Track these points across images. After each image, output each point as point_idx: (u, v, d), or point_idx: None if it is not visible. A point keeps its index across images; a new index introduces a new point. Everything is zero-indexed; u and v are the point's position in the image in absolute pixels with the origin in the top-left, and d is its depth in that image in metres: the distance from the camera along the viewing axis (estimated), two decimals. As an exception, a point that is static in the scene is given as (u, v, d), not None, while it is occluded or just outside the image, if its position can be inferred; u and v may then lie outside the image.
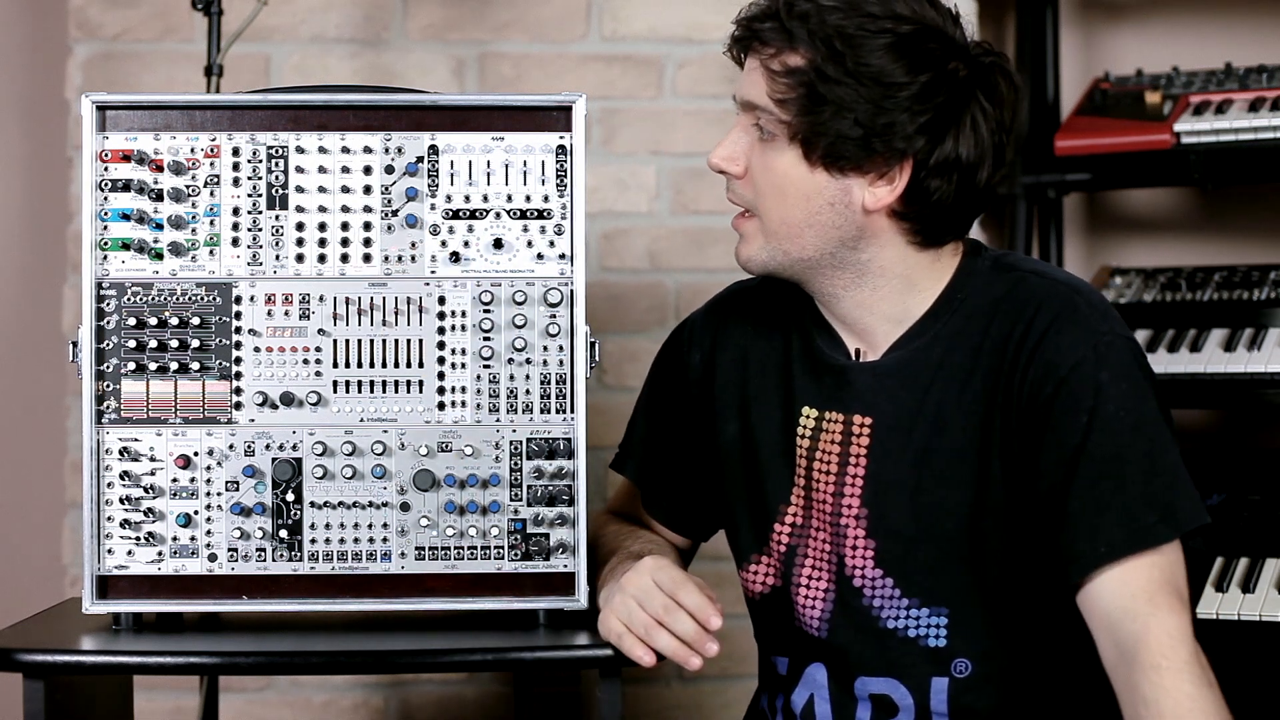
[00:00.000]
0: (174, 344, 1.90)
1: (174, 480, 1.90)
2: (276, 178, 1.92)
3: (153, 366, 1.89)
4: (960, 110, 1.77)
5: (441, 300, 1.91)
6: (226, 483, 1.90)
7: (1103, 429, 1.73)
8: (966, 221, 1.86)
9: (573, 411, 1.91)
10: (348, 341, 1.91)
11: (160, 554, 1.90)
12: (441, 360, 1.91)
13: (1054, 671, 1.85)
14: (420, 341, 1.91)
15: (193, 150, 1.91)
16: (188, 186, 1.91)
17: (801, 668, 1.91)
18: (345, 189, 1.92)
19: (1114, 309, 1.83)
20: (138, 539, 1.90)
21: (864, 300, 1.84)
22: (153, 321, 1.89)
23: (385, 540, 1.91)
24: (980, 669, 1.82)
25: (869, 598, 1.84)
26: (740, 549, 1.98)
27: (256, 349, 1.91)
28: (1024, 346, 1.77)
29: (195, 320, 1.91)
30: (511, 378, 1.91)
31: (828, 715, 1.88)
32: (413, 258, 1.92)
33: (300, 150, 1.92)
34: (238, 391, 1.91)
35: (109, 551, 1.89)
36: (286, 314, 1.91)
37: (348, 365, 1.91)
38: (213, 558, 1.90)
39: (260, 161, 1.91)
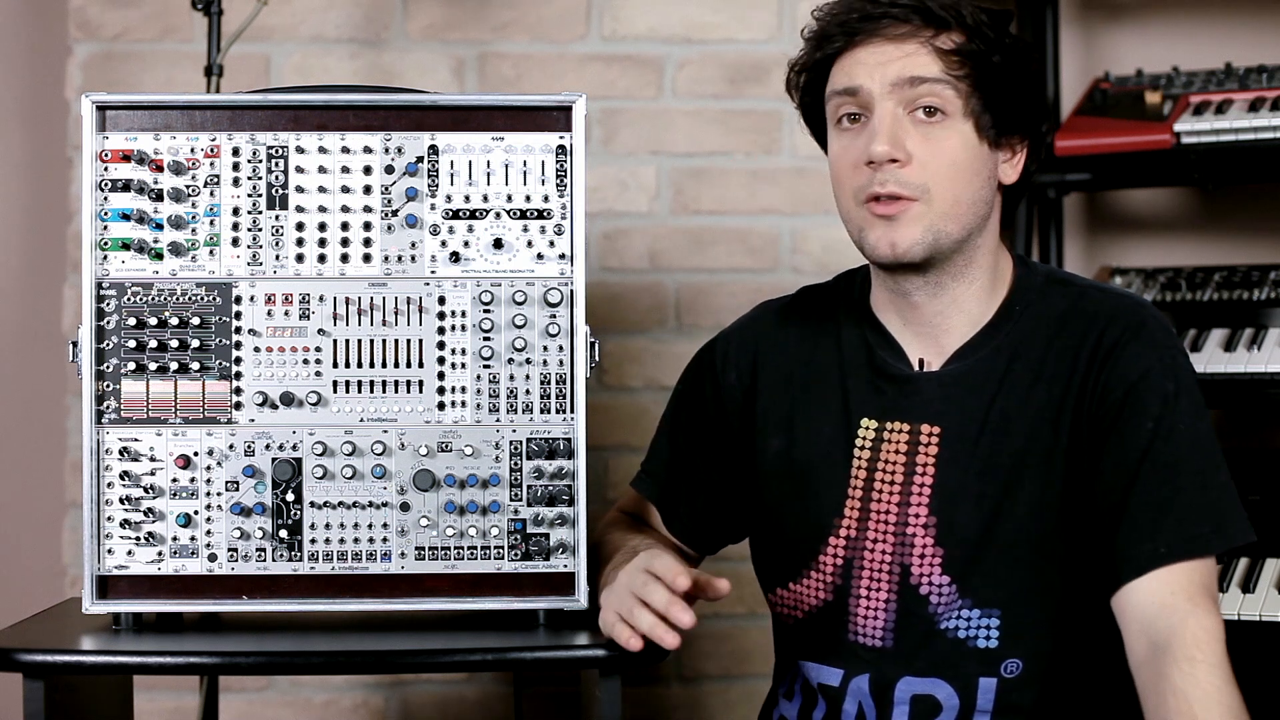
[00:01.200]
0: (174, 344, 1.90)
1: (174, 480, 1.90)
2: (276, 178, 1.92)
3: (153, 366, 1.89)
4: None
5: (441, 300, 1.91)
6: (226, 483, 1.90)
7: (1166, 437, 1.78)
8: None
9: (573, 411, 1.91)
10: (348, 341, 1.91)
11: (160, 554, 1.90)
12: (441, 360, 1.91)
13: (1100, 667, 1.87)
14: (420, 341, 1.91)
15: (193, 150, 1.91)
16: (188, 186, 1.91)
17: (850, 679, 1.90)
18: (345, 189, 1.92)
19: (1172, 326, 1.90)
20: (138, 539, 1.90)
21: (959, 295, 1.88)
22: (153, 321, 1.90)
23: (385, 540, 1.91)
24: (1030, 668, 1.83)
25: (934, 604, 1.85)
26: (782, 566, 1.96)
27: (256, 349, 1.91)
28: (1096, 356, 1.82)
29: (195, 320, 1.91)
30: (511, 378, 1.91)
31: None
32: (413, 258, 1.92)
33: (300, 150, 1.92)
34: (238, 391, 1.91)
35: (109, 551, 1.89)
36: (286, 314, 1.91)
37: (348, 365, 1.91)
38: (213, 558, 1.90)
39: (260, 161, 1.92)
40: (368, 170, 1.92)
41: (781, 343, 1.99)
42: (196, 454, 1.90)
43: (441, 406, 1.91)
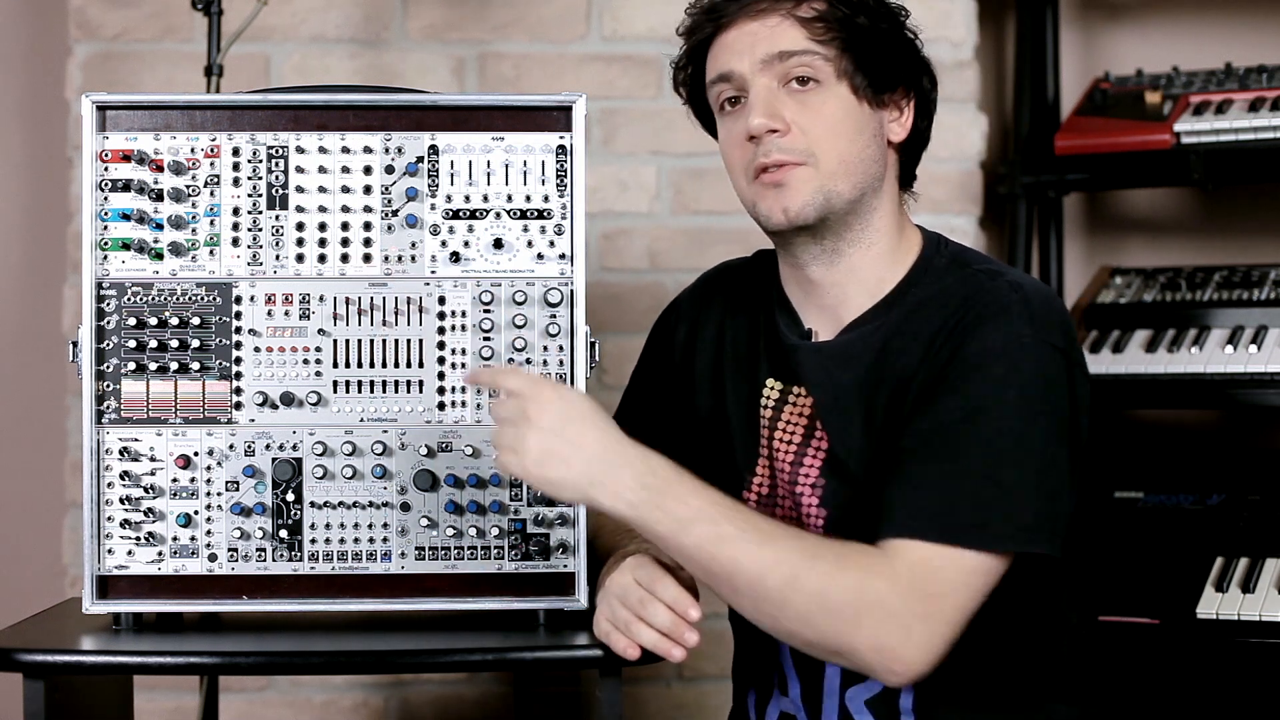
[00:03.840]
0: (174, 344, 1.90)
1: (174, 480, 1.90)
2: (276, 178, 1.92)
3: (153, 366, 1.89)
4: (925, 59, 1.93)
5: (441, 300, 1.91)
6: (226, 483, 1.90)
7: (969, 418, 1.72)
8: (915, 169, 1.97)
9: (573, 411, 1.91)
10: (348, 341, 1.91)
11: (160, 554, 1.90)
12: (441, 360, 1.91)
13: (992, 626, 1.84)
14: (420, 341, 1.91)
15: (193, 150, 1.91)
16: (188, 186, 1.91)
17: (769, 638, 1.91)
18: (345, 189, 1.92)
19: (1061, 321, 1.80)
20: (138, 539, 1.90)
21: (855, 263, 1.88)
22: (153, 321, 1.89)
23: (385, 540, 1.91)
24: None
25: None
26: None
27: (256, 349, 1.91)
28: (947, 336, 1.78)
29: (195, 320, 1.91)
30: (511, 378, 1.91)
31: (796, 685, 1.90)
32: (413, 258, 1.92)
33: (300, 150, 1.92)
34: (238, 391, 1.91)
35: (109, 551, 1.89)
36: (286, 314, 1.91)
37: (348, 365, 1.91)
38: (213, 558, 1.90)
39: (260, 161, 1.91)
40: (368, 170, 1.92)
41: (722, 304, 2.03)
42: (196, 454, 1.90)
43: (442, 406, 1.91)
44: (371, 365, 1.91)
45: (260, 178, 1.91)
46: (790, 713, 1.92)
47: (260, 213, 1.91)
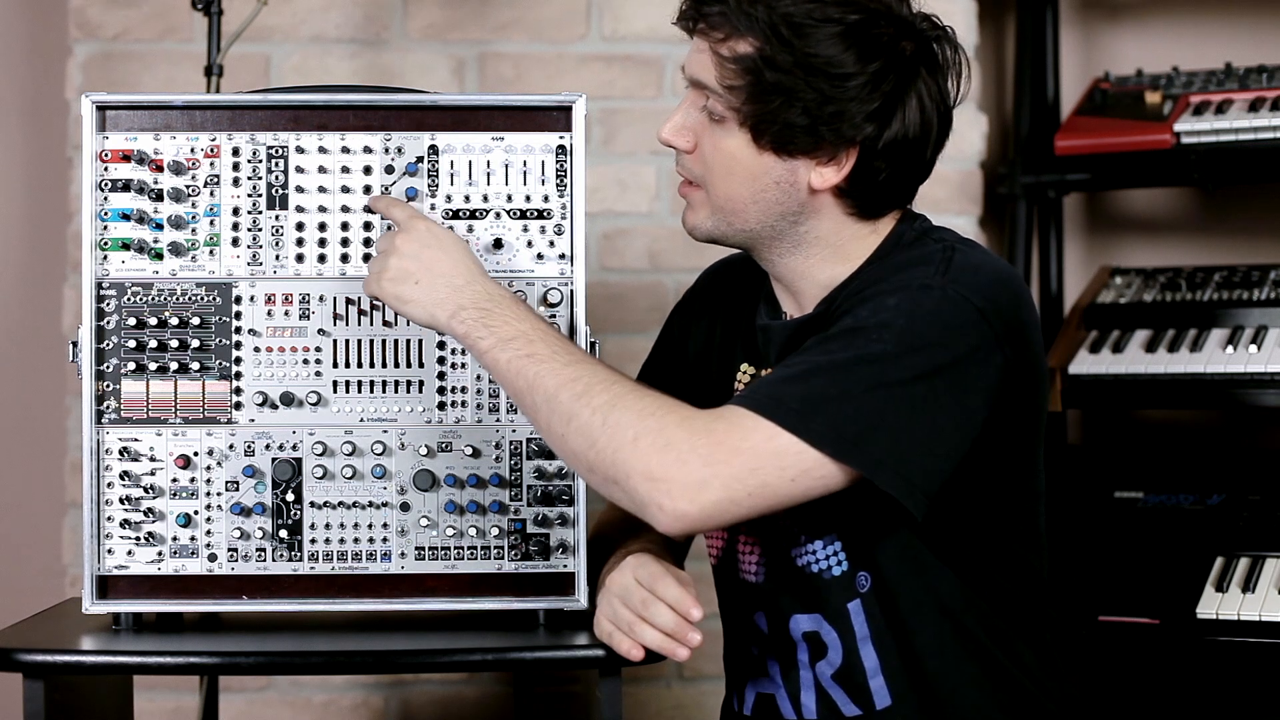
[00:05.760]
0: (174, 344, 1.90)
1: (174, 480, 1.90)
2: (276, 178, 1.92)
3: (153, 366, 1.89)
4: (906, 91, 1.77)
5: (441, 300, 1.91)
6: (226, 483, 1.90)
7: (848, 332, 1.70)
8: (909, 194, 1.87)
9: (573, 411, 1.91)
10: (348, 341, 1.91)
11: (160, 554, 1.90)
12: (441, 360, 1.91)
13: (953, 565, 1.83)
14: (420, 341, 1.91)
15: (193, 150, 1.91)
16: (188, 186, 1.91)
17: (749, 617, 1.93)
18: (345, 189, 1.92)
19: (990, 286, 1.73)
20: (138, 539, 1.90)
21: (797, 266, 1.87)
22: (153, 321, 1.89)
23: (385, 540, 1.91)
24: (878, 579, 1.81)
25: (778, 536, 1.87)
26: None
27: (256, 349, 1.91)
28: (871, 286, 1.77)
29: (195, 320, 1.91)
30: (511, 378, 1.91)
31: (775, 664, 1.90)
32: (413, 258, 1.92)
33: (300, 150, 1.92)
34: (238, 391, 1.91)
35: (109, 551, 1.89)
36: (286, 314, 1.91)
37: (348, 365, 1.91)
38: (213, 558, 1.90)
39: (260, 161, 1.91)
40: (368, 170, 1.92)
41: (720, 294, 2.04)
42: (196, 454, 1.90)
43: (442, 406, 1.91)
44: (371, 365, 1.91)
45: (260, 178, 1.91)
46: (769, 692, 1.92)
47: (260, 213, 1.91)
